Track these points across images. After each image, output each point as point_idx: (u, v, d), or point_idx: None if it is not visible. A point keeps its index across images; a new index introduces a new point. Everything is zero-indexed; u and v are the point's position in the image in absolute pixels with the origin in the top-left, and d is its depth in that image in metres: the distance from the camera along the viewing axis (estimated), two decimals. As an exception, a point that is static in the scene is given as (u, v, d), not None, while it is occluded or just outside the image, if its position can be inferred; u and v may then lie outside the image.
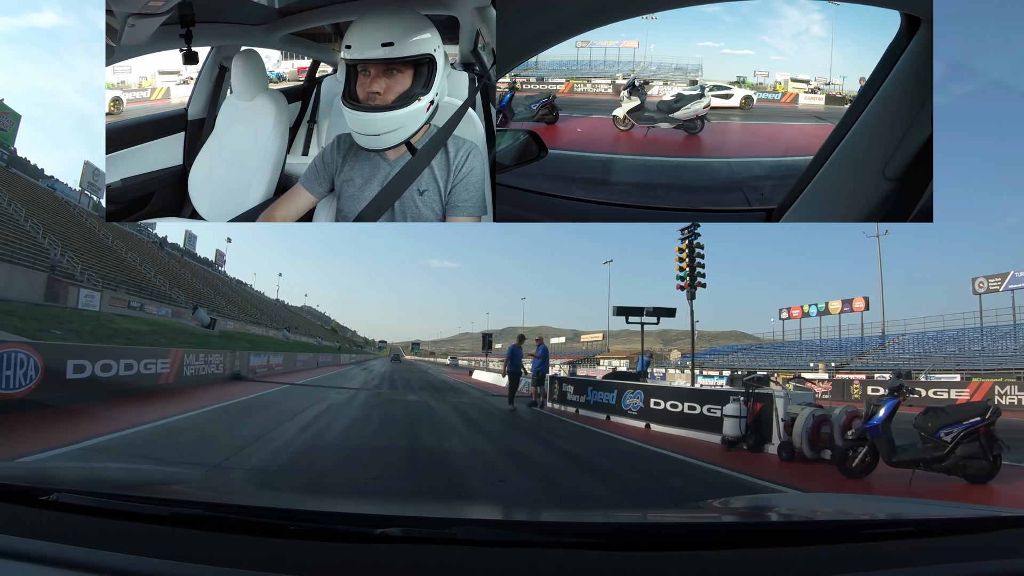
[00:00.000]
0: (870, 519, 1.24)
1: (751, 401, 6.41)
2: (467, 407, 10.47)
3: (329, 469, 4.33)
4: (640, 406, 8.71)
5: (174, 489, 1.36)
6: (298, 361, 23.39)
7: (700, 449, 6.45)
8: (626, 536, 0.93)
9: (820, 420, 5.62)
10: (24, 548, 0.79)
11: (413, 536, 0.83)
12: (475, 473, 4.53)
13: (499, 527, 0.95)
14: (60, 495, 0.91)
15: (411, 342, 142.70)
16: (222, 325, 34.69)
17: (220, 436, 5.60)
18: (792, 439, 5.71)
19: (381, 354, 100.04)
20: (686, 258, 15.12)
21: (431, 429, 7.00)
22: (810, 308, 41.40)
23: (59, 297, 21.98)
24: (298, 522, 0.88)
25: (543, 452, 5.89)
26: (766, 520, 1.28)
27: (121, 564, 0.75)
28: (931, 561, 0.88)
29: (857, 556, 0.87)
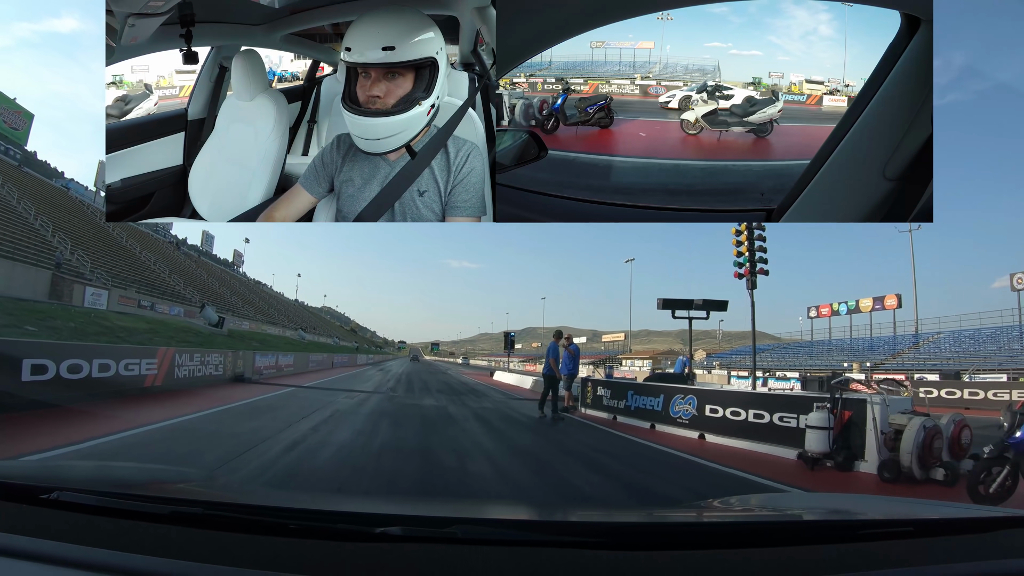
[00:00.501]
0: (871, 519, 1.25)
1: (838, 408, 5.36)
2: (489, 412, 9.59)
3: (331, 475, 4.16)
4: (692, 413, 7.56)
5: (175, 488, 1.36)
6: (311, 362, 22.36)
7: (771, 467, 5.37)
8: (628, 535, 0.93)
9: (932, 433, 4.69)
10: (25, 546, 0.79)
11: (413, 535, 0.83)
12: (494, 485, 4.14)
13: (500, 526, 0.96)
14: (61, 493, 0.91)
15: (430, 343, 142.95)
16: (236, 325, 34.27)
17: (200, 452, 4.75)
18: (899, 456, 4.77)
19: (400, 354, 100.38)
20: (744, 240, 13.19)
21: (448, 442, 5.93)
22: (840, 306, 39.55)
23: (63, 295, 21.71)
24: (298, 521, 0.88)
25: (582, 470, 4.96)
26: (768, 519, 1.28)
27: (122, 562, 0.76)
28: (931, 561, 0.88)
29: (858, 556, 0.87)
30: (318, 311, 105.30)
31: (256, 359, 14.90)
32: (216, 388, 10.63)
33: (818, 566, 0.85)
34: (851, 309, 38.88)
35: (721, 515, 1.39)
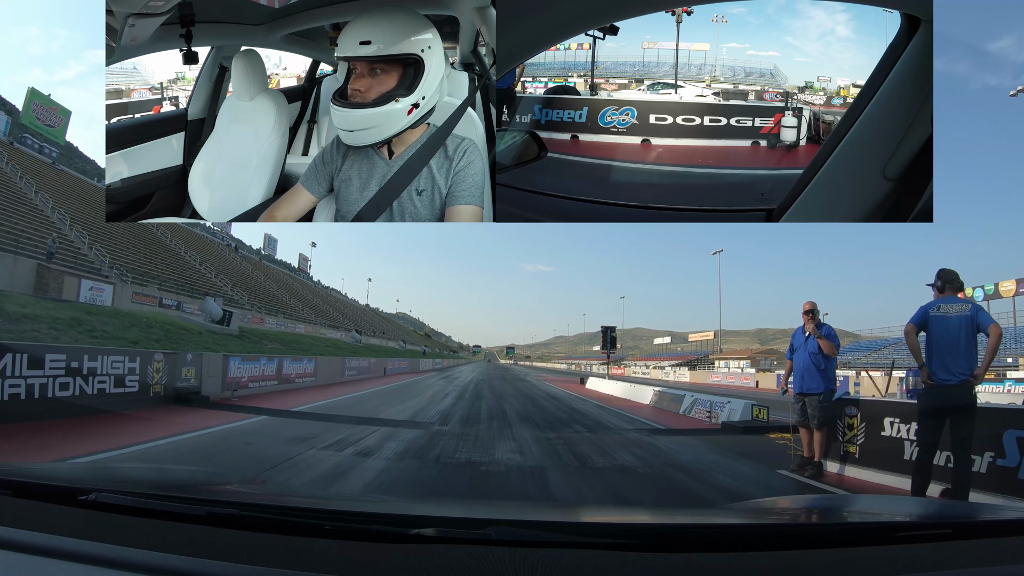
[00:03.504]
0: (907, 520, 1.21)
1: None
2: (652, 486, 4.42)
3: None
4: None
5: (211, 489, 1.37)
6: (349, 369, 17.79)
7: None
8: (668, 538, 0.92)
9: None
10: (65, 547, 0.80)
11: (447, 536, 0.83)
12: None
13: (533, 528, 0.95)
14: (99, 495, 0.93)
15: (505, 346, 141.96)
16: (288, 328, 31.38)
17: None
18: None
19: (475, 359, 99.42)
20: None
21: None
22: (975, 291, 33.84)
23: (49, 288, 19.03)
24: (333, 522, 0.89)
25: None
26: (800, 521, 1.27)
27: (159, 562, 0.76)
28: (970, 564, 0.85)
29: (893, 559, 0.85)
30: (392, 316, 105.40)
31: (232, 365, 9.76)
32: (80, 425, 5.78)
33: (852, 569, 0.82)
34: (988, 294, 33.63)
35: (756, 517, 1.37)
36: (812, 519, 1.30)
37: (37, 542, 0.81)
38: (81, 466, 2.95)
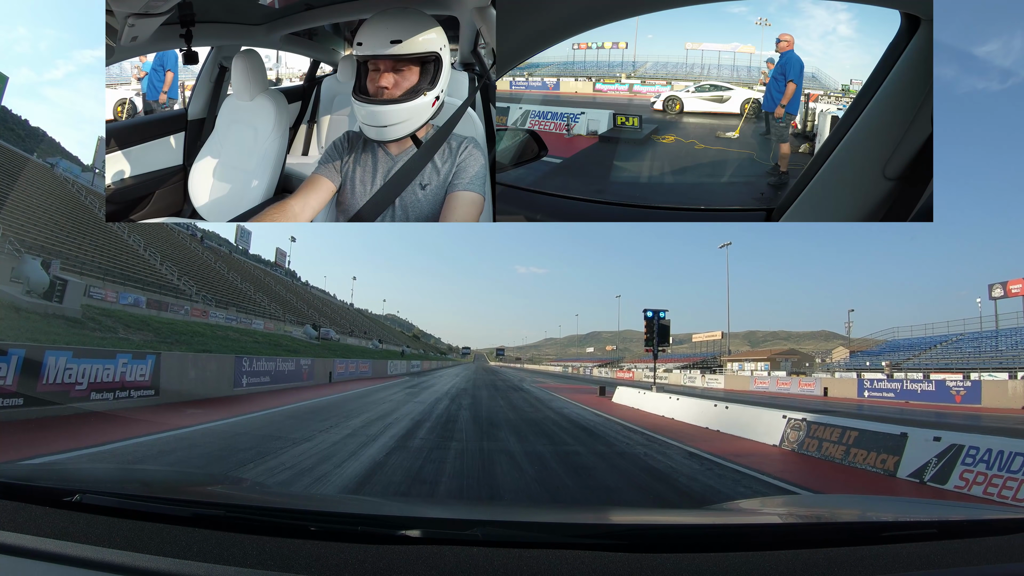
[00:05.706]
0: (893, 520, 1.22)
1: None
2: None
3: None
4: None
5: (196, 490, 1.37)
6: (247, 374, 11.47)
7: None
8: (649, 538, 0.92)
9: None
10: (48, 548, 0.79)
11: (433, 537, 0.84)
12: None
13: (520, 528, 0.95)
14: (83, 496, 0.92)
15: (495, 348, 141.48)
16: (246, 324, 28.82)
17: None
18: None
19: (464, 360, 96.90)
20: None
21: None
22: None
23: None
24: (319, 523, 0.89)
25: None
26: (789, 522, 1.27)
27: (143, 564, 0.76)
28: (956, 563, 0.85)
29: (880, 558, 0.86)
30: (380, 318, 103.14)
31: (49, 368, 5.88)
32: None
33: (839, 569, 0.82)
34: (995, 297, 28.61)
35: (742, 518, 1.38)
36: (798, 520, 1.31)
37: (20, 544, 0.80)
38: (65, 466, 2.95)
